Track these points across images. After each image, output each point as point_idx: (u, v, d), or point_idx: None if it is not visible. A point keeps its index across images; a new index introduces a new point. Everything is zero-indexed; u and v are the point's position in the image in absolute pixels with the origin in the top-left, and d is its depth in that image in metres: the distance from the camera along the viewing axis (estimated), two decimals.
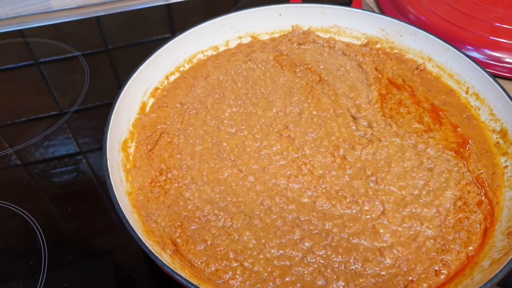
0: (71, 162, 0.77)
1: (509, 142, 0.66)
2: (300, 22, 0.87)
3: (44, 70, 0.98)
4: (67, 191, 0.73)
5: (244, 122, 0.72)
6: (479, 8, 0.93)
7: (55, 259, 0.63)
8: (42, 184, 0.74)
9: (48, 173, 0.76)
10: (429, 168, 0.65)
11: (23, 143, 0.80)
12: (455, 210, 0.60)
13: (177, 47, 0.79)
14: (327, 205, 0.61)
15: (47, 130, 0.82)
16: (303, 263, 0.55)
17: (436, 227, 0.59)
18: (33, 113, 0.87)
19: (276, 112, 0.73)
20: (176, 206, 0.61)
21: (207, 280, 0.54)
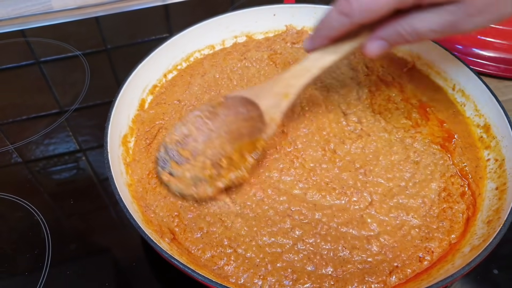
0: (71, 159, 0.80)
1: (492, 136, 0.69)
2: (293, 22, 0.90)
3: (45, 69, 1.00)
4: (67, 187, 0.76)
5: None
6: None
7: (59, 249, 0.66)
8: (43, 180, 0.77)
9: (48, 170, 0.78)
10: (415, 161, 0.68)
11: (24, 139, 0.82)
12: (439, 200, 0.63)
13: (174, 46, 0.82)
14: (317, 196, 0.64)
15: (48, 127, 0.85)
16: (294, 250, 0.58)
17: (421, 216, 0.62)
18: (34, 111, 0.89)
19: None
20: (172, 196, 0.64)
21: (203, 266, 0.57)
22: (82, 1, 1.12)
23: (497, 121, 0.68)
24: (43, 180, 0.77)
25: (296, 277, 0.56)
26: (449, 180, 0.65)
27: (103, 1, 1.13)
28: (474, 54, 0.92)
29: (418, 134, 0.71)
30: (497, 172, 0.64)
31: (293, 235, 0.59)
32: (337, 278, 0.56)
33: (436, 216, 0.62)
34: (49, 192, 0.75)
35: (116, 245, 0.68)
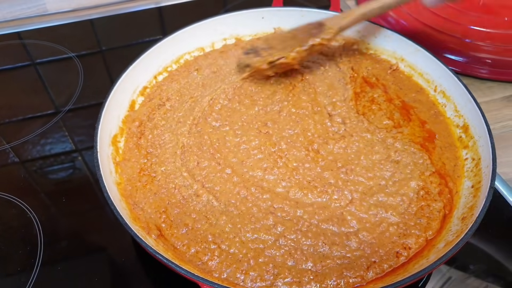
0: (67, 159, 0.83)
1: (470, 136, 0.71)
2: (281, 25, 0.92)
3: (40, 70, 1.03)
4: (62, 187, 0.78)
5: (228, 118, 0.77)
6: (455, 12, 0.99)
7: (50, 247, 0.68)
8: (38, 179, 0.79)
9: (44, 170, 0.81)
10: (396, 161, 0.70)
11: (20, 139, 0.85)
12: (417, 198, 0.66)
13: (164, 49, 0.84)
14: (299, 194, 0.66)
15: (43, 127, 0.87)
16: (275, 246, 0.60)
17: (399, 214, 0.64)
18: (29, 111, 0.92)
19: (258, 110, 0.79)
20: (164, 189, 0.67)
21: (188, 261, 0.59)
22: (77, 4, 1.14)
23: (475, 122, 0.71)
24: (38, 179, 0.79)
25: (277, 271, 0.58)
26: (428, 179, 0.68)
27: (97, 4, 1.15)
28: (464, 57, 0.95)
29: (399, 134, 0.73)
30: (474, 171, 0.67)
31: (275, 231, 0.62)
32: (316, 273, 0.58)
33: (414, 213, 0.64)
34: (45, 190, 0.77)
35: (108, 243, 0.70)
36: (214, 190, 0.66)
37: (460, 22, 0.97)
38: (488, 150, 0.65)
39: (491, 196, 0.59)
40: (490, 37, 0.95)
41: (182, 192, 0.66)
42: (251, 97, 0.81)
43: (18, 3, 1.10)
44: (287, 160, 0.70)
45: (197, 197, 0.65)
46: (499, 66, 0.94)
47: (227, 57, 0.89)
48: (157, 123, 0.76)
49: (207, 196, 0.65)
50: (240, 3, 1.19)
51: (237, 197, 0.66)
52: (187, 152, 0.72)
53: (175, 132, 0.75)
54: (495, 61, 0.94)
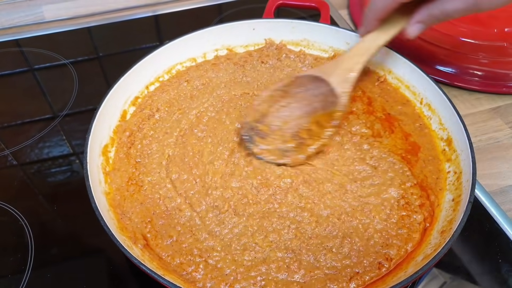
0: (65, 162, 0.84)
1: (453, 149, 0.72)
2: (272, 36, 0.94)
3: (38, 77, 1.05)
4: (57, 191, 0.81)
5: (213, 130, 0.78)
6: (446, 24, 1.00)
7: (41, 252, 0.70)
8: (31, 185, 0.81)
9: (39, 174, 0.83)
10: (373, 166, 0.72)
11: (18, 145, 0.87)
12: (398, 207, 0.67)
13: (156, 60, 0.86)
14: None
15: (40, 132, 0.89)
16: (270, 260, 0.61)
17: (382, 220, 0.65)
18: (26, 117, 0.93)
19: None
20: (150, 199, 0.68)
21: (173, 271, 0.61)
22: (74, 12, 1.16)
23: (457, 135, 0.72)
24: (30, 184, 0.81)
25: (264, 284, 0.60)
26: (409, 190, 0.69)
27: (94, 12, 1.17)
28: (455, 68, 0.96)
29: (377, 143, 0.75)
30: (455, 184, 0.68)
31: (267, 249, 0.63)
32: (302, 285, 0.60)
33: (395, 222, 0.66)
34: (41, 194, 0.80)
35: (100, 248, 0.72)
36: (195, 208, 0.67)
37: (451, 34, 0.99)
38: (469, 164, 0.66)
39: (469, 211, 0.60)
40: (480, 49, 0.97)
41: (166, 204, 0.68)
42: (240, 112, 0.82)
43: (16, 11, 1.12)
44: (263, 173, 0.71)
45: (180, 211, 0.67)
46: (488, 78, 0.95)
47: (218, 70, 0.90)
48: (146, 133, 0.78)
49: (190, 212, 0.66)
50: (235, 12, 1.21)
51: (218, 220, 0.66)
52: (171, 163, 0.73)
53: (161, 142, 0.76)
54: (485, 72, 0.95)
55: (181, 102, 0.84)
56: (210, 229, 0.65)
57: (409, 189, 0.69)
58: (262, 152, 0.72)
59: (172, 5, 1.23)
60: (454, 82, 0.95)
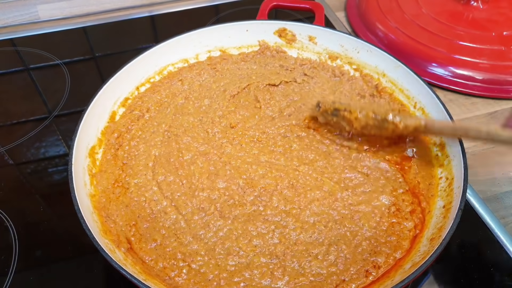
0: (51, 164, 0.84)
1: (445, 155, 0.71)
2: (266, 38, 0.93)
3: (33, 76, 1.04)
4: (46, 191, 0.80)
5: (199, 128, 0.78)
6: (443, 27, 0.99)
7: (25, 254, 0.69)
8: (20, 184, 0.80)
9: (30, 174, 0.82)
10: (365, 173, 0.70)
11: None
12: (389, 214, 0.66)
13: (147, 60, 0.85)
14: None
15: (29, 133, 0.88)
16: (253, 266, 0.60)
17: (371, 228, 0.64)
18: (16, 117, 0.93)
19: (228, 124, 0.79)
20: (135, 201, 0.67)
21: (155, 276, 0.60)
22: (69, 12, 1.15)
23: (450, 140, 0.70)
24: (19, 184, 0.80)
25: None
26: (400, 197, 0.68)
27: (89, 12, 1.17)
28: (451, 72, 0.95)
29: (369, 153, 0.74)
30: (446, 191, 0.67)
31: (254, 249, 0.62)
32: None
33: (385, 230, 0.64)
34: (22, 196, 0.79)
35: (84, 251, 0.70)
36: (181, 211, 0.66)
37: (448, 37, 0.97)
38: (460, 170, 0.65)
39: (459, 218, 0.59)
40: (478, 53, 0.95)
41: (151, 207, 0.67)
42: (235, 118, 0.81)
43: (11, 11, 1.11)
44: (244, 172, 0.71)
45: (165, 214, 0.66)
46: (486, 82, 0.94)
47: (216, 70, 0.89)
48: (135, 134, 0.77)
49: (176, 215, 0.65)
50: (232, 13, 1.20)
51: (203, 222, 0.65)
52: (158, 164, 0.72)
53: (149, 143, 0.75)
54: (482, 77, 0.94)
55: (172, 102, 0.83)
56: (195, 232, 0.64)
57: (401, 195, 0.68)
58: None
59: (168, 5, 1.22)
60: (450, 86, 0.94)
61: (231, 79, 0.87)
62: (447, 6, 1.04)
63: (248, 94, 0.84)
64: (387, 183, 0.69)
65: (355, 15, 1.13)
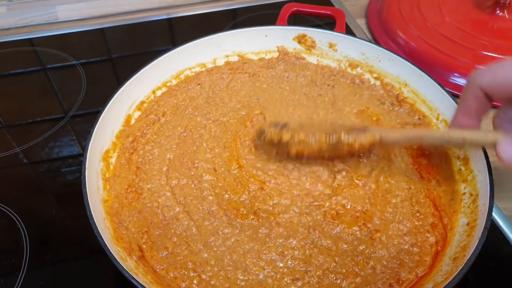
0: (64, 164, 0.83)
1: (470, 169, 0.68)
2: (285, 44, 0.91)
3: (50, 76, 1.04)
4: (60, 192, 0.79)
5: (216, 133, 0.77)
6: (466, 36, 0.96)
7: (36, 256, 0.68)
8: (32, 184, 0.80)
9: (43, 174, 0.81)
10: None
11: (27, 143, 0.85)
12: (412, 215, 0.65)
13: (164, 64, 0.84)
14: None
15: (43, 134, 0.87)
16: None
17: (399, 236, 0.63)
18: (32, 116, 0.92)
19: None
20: (148, 207, 0.66)
21: (167, 286, 0.58)
22: (87, 13, 1.15)
23: (475, 154, 0.68)
24: (31, 184, 0.79)
25: None
26: (422, 204, 0.66)
27: (107, 13, 1.16)
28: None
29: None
30: (470, 207, 0.64)
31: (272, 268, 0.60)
32: None
33: (409, 242, 0.62)
34: (34, 196, 0.78)
35: (94, 254, 0.69)
36: (192, 216, 0.65)
37: (472, 47, 0.94)
38: (486, 186, 0.62)
39: (485, 238, 0.56)
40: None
41: (164, 213, 0.65)
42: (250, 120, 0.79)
43: (30, 11, 1.12)
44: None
45: (177, 220, 0.64)
46: None
47: (234, 75, 0.88)
48: (150, 138, 0.76)
49: (188, 221, 0.64)
50: (249, 17, 1.19)
51: (215, 230, 0.63)
52: (171, 168, 0.71)
53: (164, 147, 0.74)
54: None
55: (190, 104, 0.82)
56: (205, 239, 0.62)
57: (423, 203, 0.66)
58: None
59: (186, 8, 1.21)
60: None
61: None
62: (471, 15, 1.01)
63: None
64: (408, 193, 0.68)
65: (376, 22, 1.11)
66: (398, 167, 0.71)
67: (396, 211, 0.65)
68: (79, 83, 0.98)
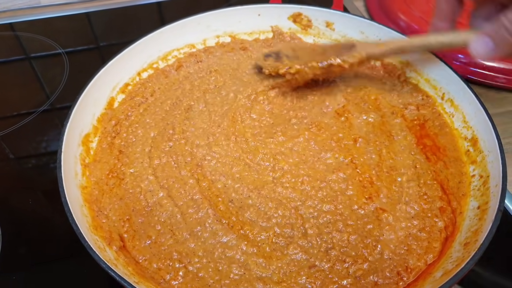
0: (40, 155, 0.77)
1: (479, 150, 0.63)
2: (279, 23, 0.86)
3: (33, 64, 0.98)
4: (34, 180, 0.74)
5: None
6: (470, 16, 0.91)
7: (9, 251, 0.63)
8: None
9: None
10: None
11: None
12: (419, 199, 0.60)
13: (149, 44, 0.78)
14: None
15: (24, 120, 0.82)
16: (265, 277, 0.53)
17: (408, 219, 0.58)
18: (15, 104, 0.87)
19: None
20: (130, 193, 0.61)
21: (150, 278, 0.53)
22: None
23: (484, 134, 0.63)
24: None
25: None
26: (429, 186, 0.61)
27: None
28: (478, 65, 0.87)
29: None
30: (481, 190, 0.59)
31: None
32: None
33: (417, 225, 0.57)
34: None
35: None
36: (177, 202, 0.60)
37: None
38: (498, 167, 0.57)
39: (498, 220, 0.51)
40: None
41: (147, 198, 0.60)
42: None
43: None
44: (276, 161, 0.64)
45: (161, 206, 0.59)
46: None
47: (233, 55, 0.84)
48: (134, 119, 0.71)
49: (172, 207, 0.59)
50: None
51: (199, 216, 0.58)
52: (154, 147, 0.67)
53: (148, 125, 0.70)
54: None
55: (181, 84, 0.78)
56: (191, 228, 0.57)
57: (430, 185, 0.61)
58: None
59: None
60: (479, 79, 0.86)
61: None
62: None
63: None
64: (415, 170, 0.63)
65: (375, 4, 1.06)
66: (401, 144, 0.67)
67: (402, 191, 0.61)
68: (62, 70, 0.92)
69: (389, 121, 0.70)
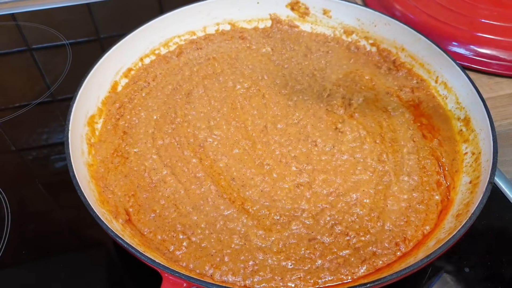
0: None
1: (471, 129, 0.65)
2: (277, 11, 0.88)
3: (34, 54, 1.00)
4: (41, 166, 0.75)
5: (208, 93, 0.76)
6: (464, 5, 0.94)
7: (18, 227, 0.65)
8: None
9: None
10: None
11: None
12: (420, 172, 0.63)
13: (151, 31, 0.80)
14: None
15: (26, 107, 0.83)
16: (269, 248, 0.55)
17: (408, 191, 0.61)
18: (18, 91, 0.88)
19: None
20: (134, 171, 0.63)
21: (155, 249, 0.55)
22: None
23: (476, 114, 0.65)
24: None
25: (257, 268, 0.53)
26: (426, 159, 0.65)
27: None
28: (474, 51, 0.89)
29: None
30: (473, 166, 0.61)
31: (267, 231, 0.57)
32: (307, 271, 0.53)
33: (416, 197, 0.60)
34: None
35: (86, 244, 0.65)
36: (180, 178, 0.62)
37: (469, 15, 0.92)
38: (489, 143, 0.60)
39: (489, 192, 0.54)
40: (501, 31, 0.90)
41: (151, 176, 0.62)
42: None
43: None
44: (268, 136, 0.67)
45: (165, 183, 0.61)
46: (510, 61, 0.88)
47: (231, 43, 0.86)
48: (137, 103, 0.73)
49: (176, 184, 0.61)
50: None
51: (202, 191, 0.61)
52: (157, 129, 0.69)
53: (151, 108, 0.72)
54: (506, 55, 0.88)
55: (181, 70, 0.80)
56: (195, 202, 0.59)
57: (427, 159, 0.65)
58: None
59: None
60: (472, 65, 0.88)
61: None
62: None
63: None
64: (414, 144, 0.67)
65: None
66: (399, 119, 0.70)
67: (403, 162, 0.64)
68: (64, 58, 0.94)
69: (383, 98, 0.73)
